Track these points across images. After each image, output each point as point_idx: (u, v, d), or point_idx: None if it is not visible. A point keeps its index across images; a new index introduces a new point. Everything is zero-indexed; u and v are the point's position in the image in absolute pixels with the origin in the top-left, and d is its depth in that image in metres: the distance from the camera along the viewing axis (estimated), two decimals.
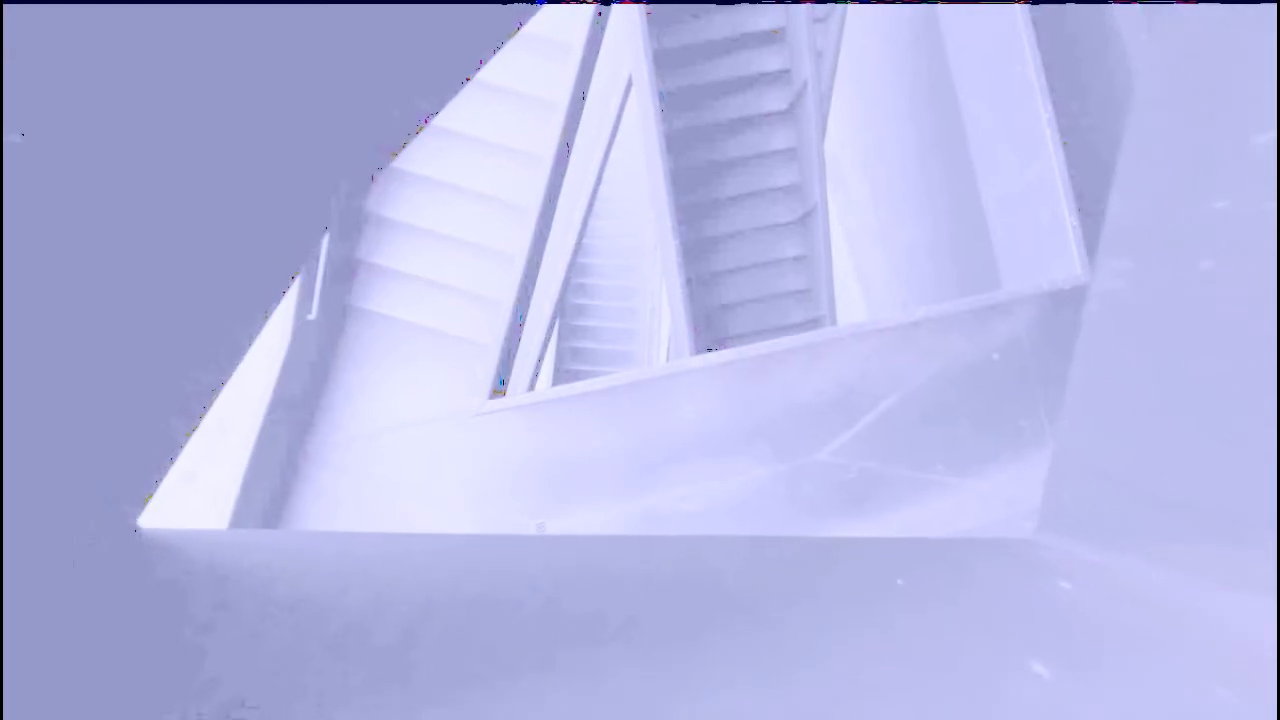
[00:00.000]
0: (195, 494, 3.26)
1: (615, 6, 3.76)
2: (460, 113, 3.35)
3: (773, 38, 4.14)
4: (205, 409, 0.76)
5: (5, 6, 0.47)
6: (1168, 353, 0.67)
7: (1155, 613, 0.66)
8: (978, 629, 0.67)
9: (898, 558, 0.84)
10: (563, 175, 3.44)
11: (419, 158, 3.37)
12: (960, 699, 0.58)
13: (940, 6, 4.06)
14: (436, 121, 3.34)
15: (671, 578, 0.79)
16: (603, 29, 3.57)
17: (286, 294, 0.80)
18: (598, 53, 3.53)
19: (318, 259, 3.19)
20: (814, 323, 4.27)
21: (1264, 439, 0.57)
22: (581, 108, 3.52)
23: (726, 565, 0.82)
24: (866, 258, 6.22)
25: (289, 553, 0.89)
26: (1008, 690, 0.58)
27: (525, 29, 3.34)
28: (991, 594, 0.75)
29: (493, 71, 3.30)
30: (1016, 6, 3.25)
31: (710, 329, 4.32)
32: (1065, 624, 0.68)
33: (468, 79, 0.88)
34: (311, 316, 3.18)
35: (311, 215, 0.75)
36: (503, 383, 3.27)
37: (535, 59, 3.33)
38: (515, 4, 0.80)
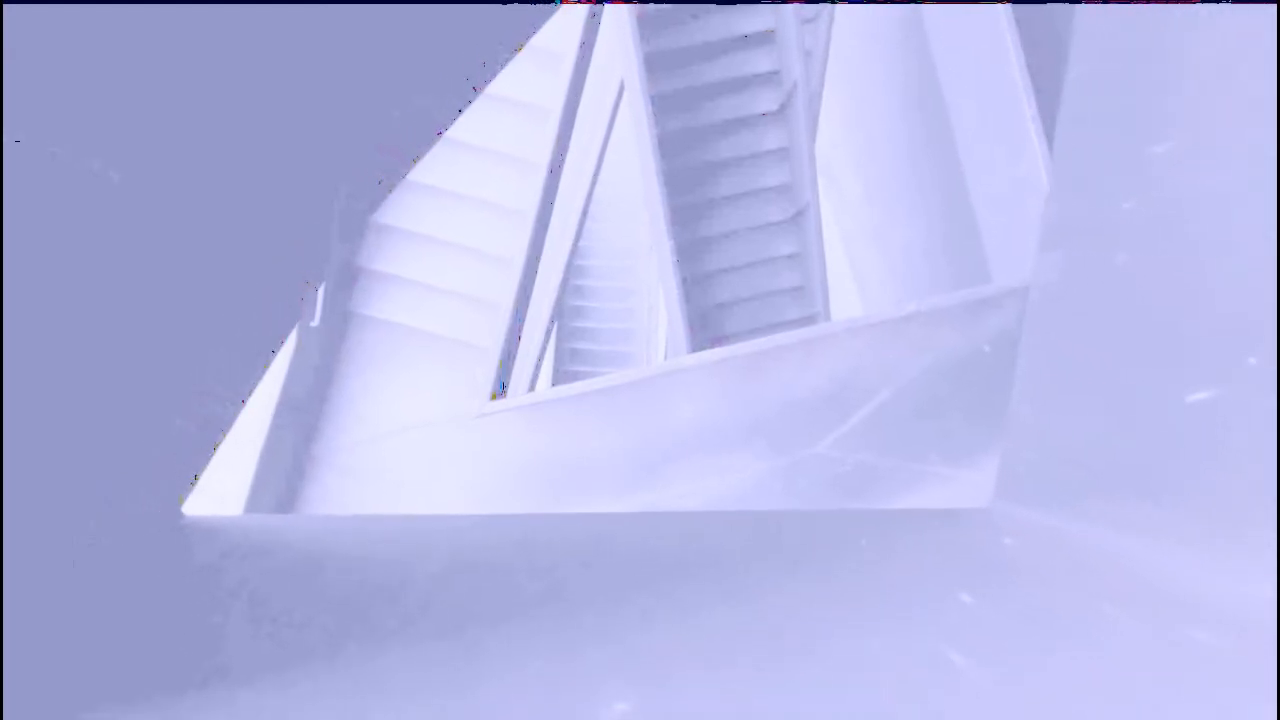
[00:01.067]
0: (203, 501, 3.31)
1: (606, 12, 3.82)
2: (458, 121, 3.41)
3: (763, 39, 4.21)
4: (245, 398, 0.82)
5: (5, 6, 0.49)
6: (1097, 336, 0.74)
7: (1077, 558, 0.73)
8: (918, 573, 0.74)
9: (862, 526, 0.91)
10: (558, 179, 3.50)
11: (416, 167, 3.43)
12: (895, 623, 0.66)
13: (925, 7, 4.13)
14: None
15: (639, 547, 0.85)
16: (595, 34, 3.63)
17: (316, 283, 0.86)
18: (590, 59, 3.59)
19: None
20: (809, 320, 4.33)
21: (1179, 410, 0.64)
22: (575, 113, 3.58)
23: (707, 540, 0.88)
24: (861, 257, 6.28)
25: (316, 535, 0.95)
26: (937, 615, 0.66)
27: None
28: (939, 550, 0.82)
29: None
30: (1000, 6, 3.32)
31: (706, 328, 4.38)
32: (998, 568, 0.76)
33: (477, 86, 0.93)
34: (314, 323, 3.24)
35: (314, 210, 0.80)
36: (503, 385, 3.33)
37: (530, 67, 3.39)
38: (513, 3, 0.85)
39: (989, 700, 0.56)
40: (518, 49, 0.90)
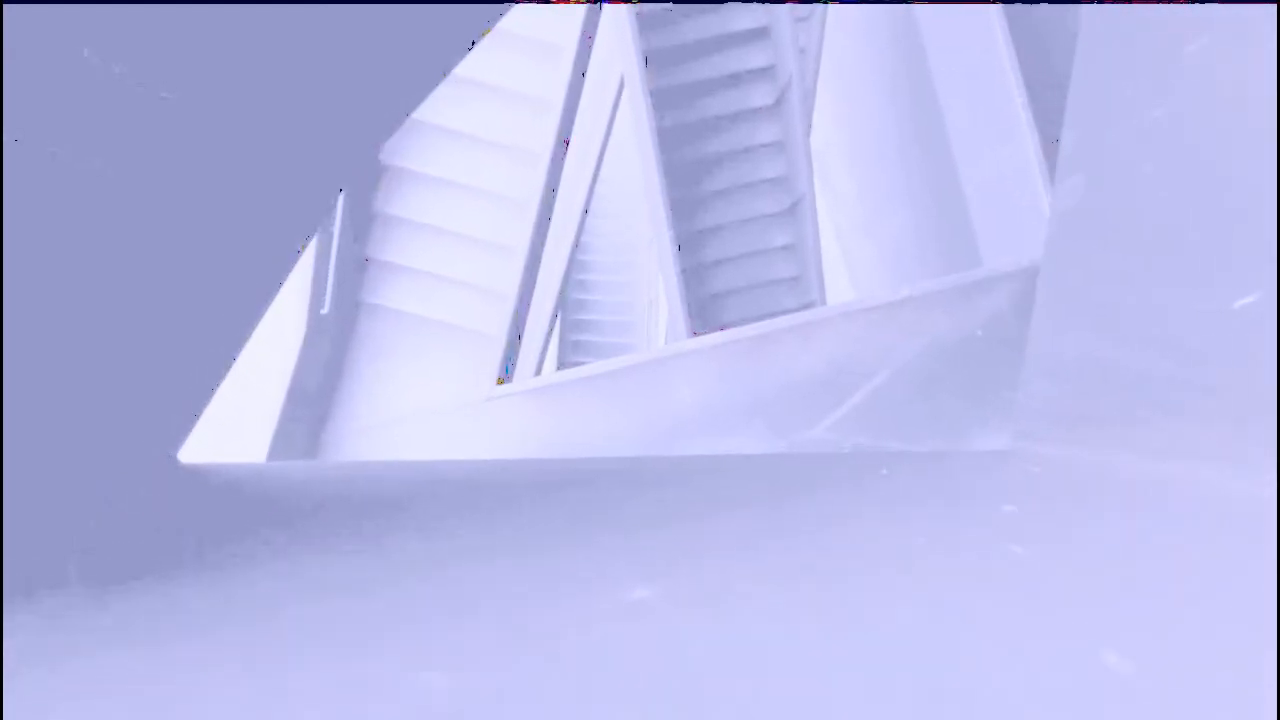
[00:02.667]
0: None
1: (606, 9, 3.91)
2: (462, 113, 3.50)
3: (758, 36, 4.30)
4: (240, 346, 0.80)
5: (5, 6, 0.49)
6: (1123, 255, 0.71)
7: (1107, 481, 0.70)
8: (946, 490, 0.77)
9: (877, 464, 0.90)
10: (560, 171, 3.59)
11: (424, 157, 3.52)
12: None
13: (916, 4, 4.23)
14: (440, 121, 3.49)
15: (649, 480, 0.87)
16: (594, 30, 3.73)
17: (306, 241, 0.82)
18: (590, 53, 3.69)
19: (329, 255, 3.33)
20: (805, 308, 4.41)
21: (1220, 320, 0.61)
22: (577, 106, 3.67)
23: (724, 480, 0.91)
24: (854, 249, 6.37)
25: (320, 481, 0.97)
26: (977, 522, 0.66)
27: (522, 32, 3.52)
28: (973, 489, 0.78)
29: (494, 73, 3.45)
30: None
31: (705, 318, 4.46)
32: (1029, 490, 0.74)
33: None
34: (325, 311, 3.32)
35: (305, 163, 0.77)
36: (509, 370, 3.41)
37: (534, 61, 3.48)
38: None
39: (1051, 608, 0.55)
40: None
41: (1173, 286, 0.66)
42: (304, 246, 0.80)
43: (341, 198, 3.26)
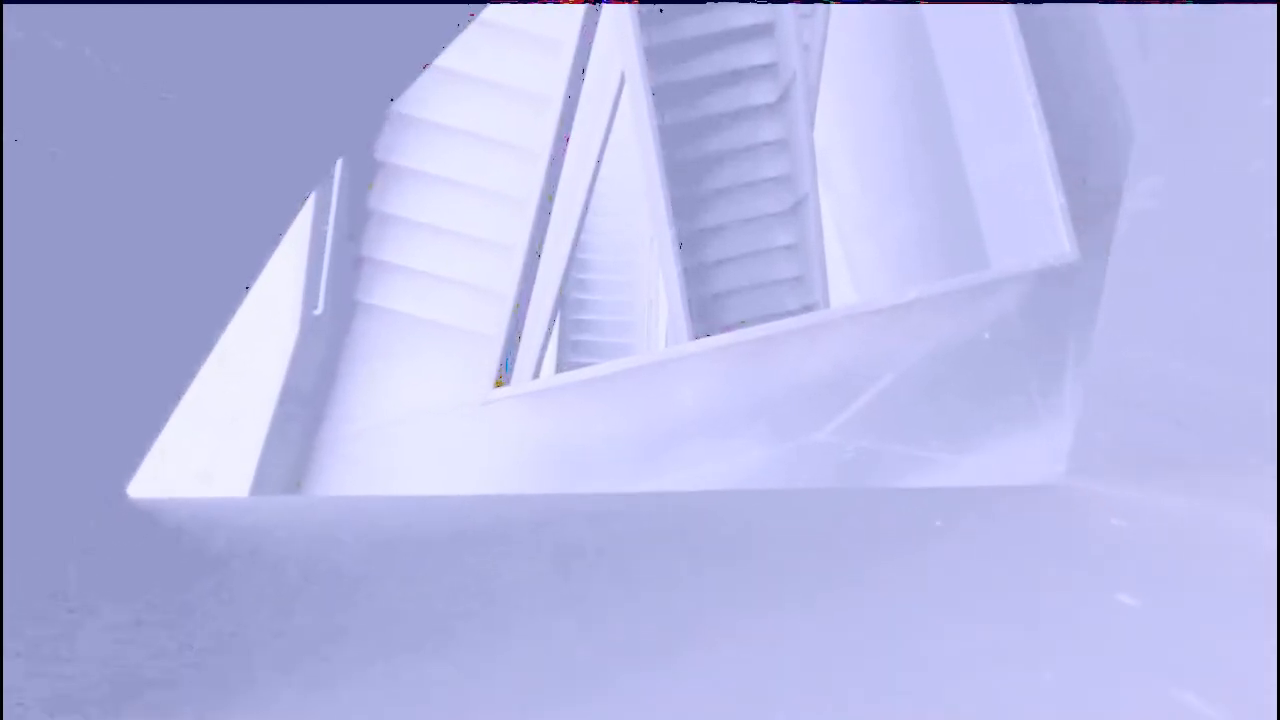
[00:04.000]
0: (210, 492, 3.33)
1: (606, 5, 3.84)
2: (459, 109, 3.43)
3: (761, 32, 4.24)
4: (192, 375, 0.73)
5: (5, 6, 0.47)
6: (1208, 269, 0.61)
7: (1214, 544, 0.61)
8: (1035, 565, 0.64)
9: (929, 506, 0.80)
10: (560, 169, 3.53)
11: (420, 154, 3.45)
12: (1047, 629, 0.55)
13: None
14: (437, 118, 3.42)
15: (678, 528, 0.78)
16: (594, 26, 3.66)
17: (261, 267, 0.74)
18: (590, 49, 3.62)
19: (322, 254, 3.26)
20: (808, 309, 4.35)
21: None
22: (576, 103, 3.60)
23: (754, 520, 0.82)
24: (856, 249, 6.31)
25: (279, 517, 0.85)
26: (1097, 620, 0.55)
27: (521, 26, 3.43)
28: (1041, 535, 0.70)
29: (492, 68, 3.38)
30: None
31: (706, 319, 4.40)
32: (1131, 556, 0.63)
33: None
34: (318, 311, 3.25)
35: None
36: (508, 372, 3.35)
37: (533, 56, 3.41)
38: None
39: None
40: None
41: (1261, 305, 0.57)
42: (260, 268, 0.72)
43: (336, 195, 3.19)
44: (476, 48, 3.36)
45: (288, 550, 0.68)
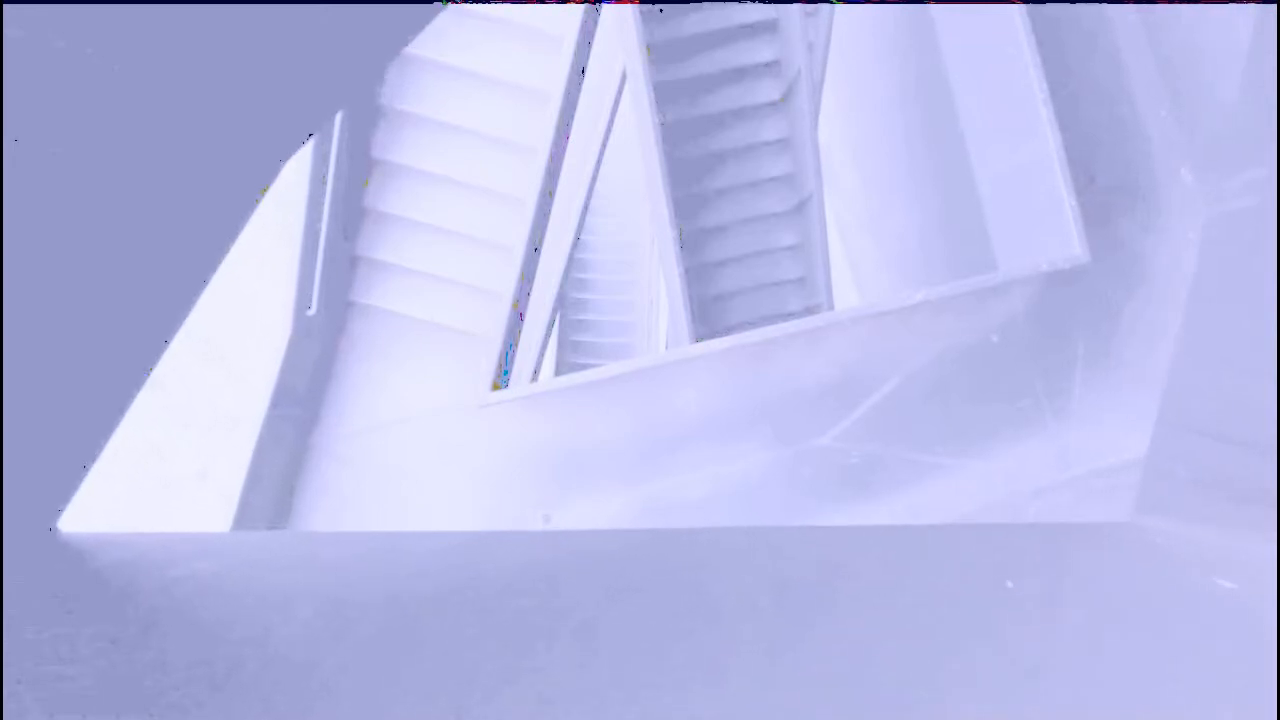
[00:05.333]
0: (206, 491, 3.27)
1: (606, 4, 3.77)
2: (456, 105, 3.36)
3: (764, 29, 4.17)
4: (121, 412, 0.69)
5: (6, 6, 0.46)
6: None
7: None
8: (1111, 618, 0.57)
9: (993, 547, 0.73)
10: (559, 166, 3.46)
11: (418, 150, 3.38)
12: None
13: None
14: (433, 114, 3.35)
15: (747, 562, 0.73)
16: (595, 21, 3.59)
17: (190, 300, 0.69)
18: (591, 44, 3.55)
19: (315, 253, 3.19)
20: (811, 310, 4.29)
21: None
22: (576, 99, 3.53)
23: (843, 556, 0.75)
24: (857, 246, 6.25)
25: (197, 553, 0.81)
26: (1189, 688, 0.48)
27: (521, 21, 3.34)
28: (1117, 584, 0.62)
29: (488, 63, 3.31)
30: None
31: (708, 319, 4.34)
32: (1216, 611, 0.55)
33: None
34: (311, 311, 3.19)
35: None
36: (506, 373, 3.28)
37: (533, 51, 3.34)
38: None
39: None
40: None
41: None
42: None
43: (330, 193, 3.12)
44: (474, 42, 3.29)
45: (211, 583, 0.63)
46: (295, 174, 3.14)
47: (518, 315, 3.35)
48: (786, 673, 0.52)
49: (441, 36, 3.28)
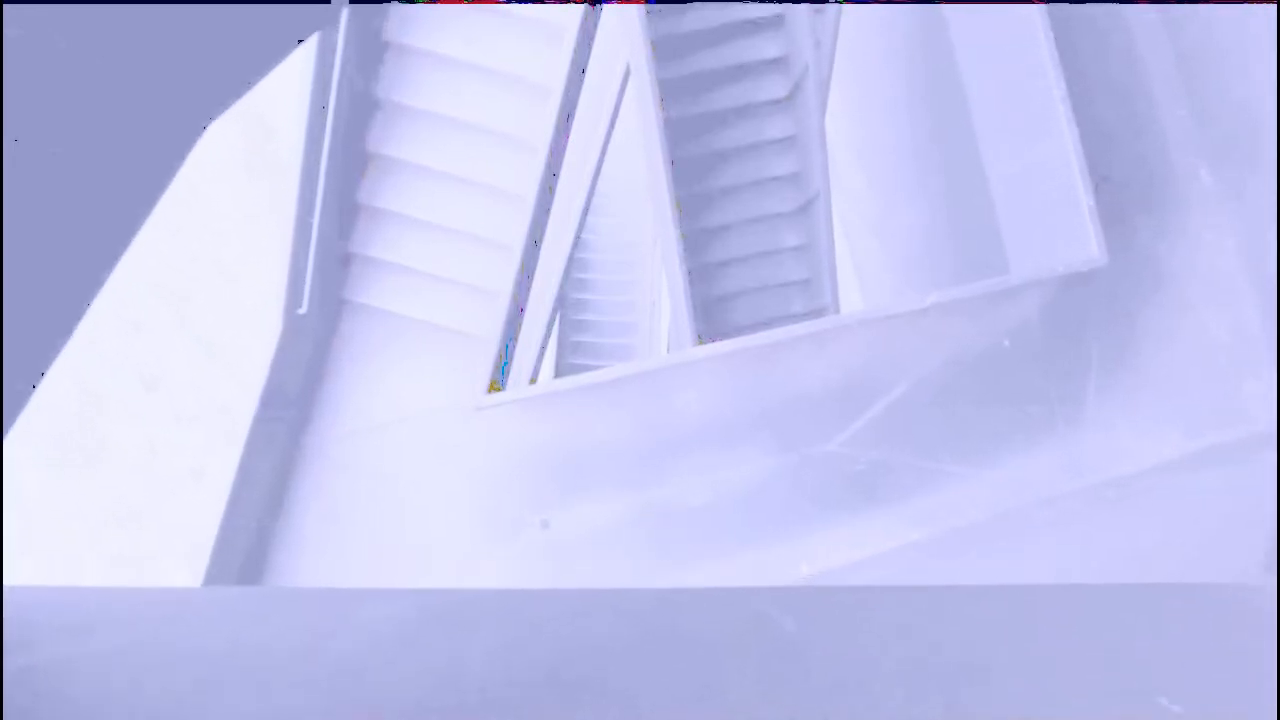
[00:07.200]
0: (201, 490, 3.20)
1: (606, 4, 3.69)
2: (455, 99, 3.27)
3: (770, 25, 4.08)
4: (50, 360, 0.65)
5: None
6: None
7: None
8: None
9: (1108, 609, 0.68)
10: (559, 163, 3.37)
11: (413, 145, 3.29)
12: None
13: None
14: (432, 107, 3.26)
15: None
16: (597, 18, 3.50)
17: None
18: (593, 38, 3.46)
19: (307, 251, 3.10)
20: (816, 312, 4.20)
21: None
22: (578, 95, 3.44)
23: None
24: (861, 246, 6.16)
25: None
26: None
27: (522, 12, 3.25)
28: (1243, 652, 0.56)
29: (488, 56, 3.22)
30: None
31: (711, 320, 4.25)
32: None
33: None
34: (302, 310, 3.10)
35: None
36: (505, 374, 3.20)
37: (532, 44, 3.25)
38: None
39: None
40: None
41: None
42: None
43: (323, 188, 3.04)
44: (473, 33, 3.20)
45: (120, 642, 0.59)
46: (289, 168, 3.06)
47: (518, 310, 3.26)
48: None
49: (439, 27, 3.20)
